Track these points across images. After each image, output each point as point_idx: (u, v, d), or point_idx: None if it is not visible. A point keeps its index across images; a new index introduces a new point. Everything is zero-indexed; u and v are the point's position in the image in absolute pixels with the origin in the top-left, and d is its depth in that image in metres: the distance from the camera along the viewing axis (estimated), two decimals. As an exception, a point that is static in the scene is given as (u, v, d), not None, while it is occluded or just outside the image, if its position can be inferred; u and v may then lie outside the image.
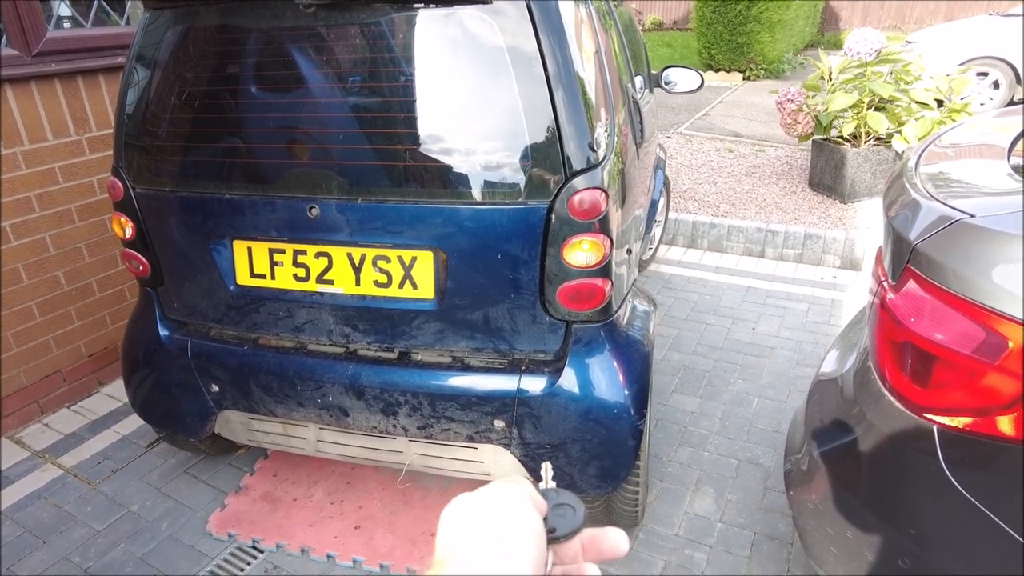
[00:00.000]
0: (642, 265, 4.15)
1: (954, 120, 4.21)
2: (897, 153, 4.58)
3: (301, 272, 1.91)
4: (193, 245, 2.00)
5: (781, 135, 6.07)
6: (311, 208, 1.80)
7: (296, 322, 1.99)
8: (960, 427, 1.21)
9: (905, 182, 1.53)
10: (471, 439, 1.96)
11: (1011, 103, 7.57)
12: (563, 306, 1.75)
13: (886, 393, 1.36)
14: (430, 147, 1.69)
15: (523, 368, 1.86)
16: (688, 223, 4.56)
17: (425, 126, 1.69)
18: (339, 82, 1.76)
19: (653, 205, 3.87)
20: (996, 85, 7.83)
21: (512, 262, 1.72)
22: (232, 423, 2.26)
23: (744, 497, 2.39)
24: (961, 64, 7.24)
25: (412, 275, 1.81)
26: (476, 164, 1.67)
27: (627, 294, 2.00)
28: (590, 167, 1.66)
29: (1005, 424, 1.17)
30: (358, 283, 1.86)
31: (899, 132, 4.44)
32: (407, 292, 1.83)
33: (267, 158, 1.86)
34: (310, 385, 2.01)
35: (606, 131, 1.78)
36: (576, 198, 1.65)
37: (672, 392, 3.01)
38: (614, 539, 0.50)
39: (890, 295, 1.35)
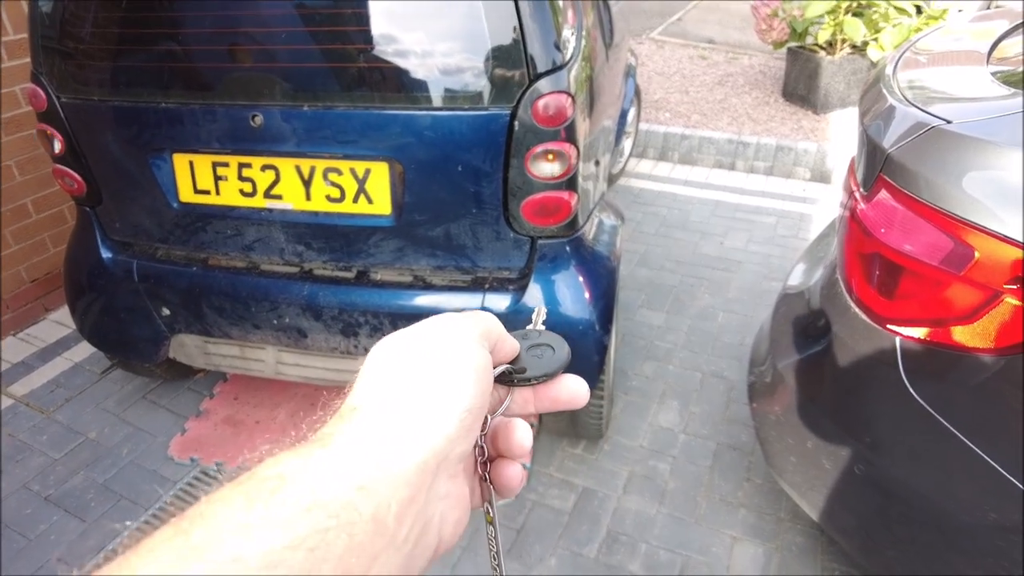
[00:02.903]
0: (611, 179, 4.06)
1: (932, 27, 4.09)
2: (872, 62, 4.46)
3: (247, 187, 1.79)
4: (130, 159, 1.85)
5: (756, 43, 5.87)
6: (254, 116, 1.66)
7: (246, 241, 1.89)
8: (921, 338, 1.20)
9: (882, 88, 1.45)
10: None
11: (988, 8, 7.40)
12: (528, 221, 1.68)
13: (852, 305, 1.33)
14: (382, 47, 1.55)
15: (487, 286, 1.80)
16: (659, 135, 4.44)
17: (377, 24, 1.54)
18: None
19: (623, 115, 3.74)
20: (974, -9, 7.62)
21: (474, 174, 1.62)
22: (187, 347, 2.19)
23: (708, 409, 2.42)
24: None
25: (367, 189, 1.71)
26: (433, 66, 1.54)
27: (594, 208, 1.93)
28: (555, 68, 1.54)
29: (965, 335, 1.15)
30: (308, 198, 1.75)
31: (875, 40, 4.31)
32: (362, 207, 1.73)
33: (204, 61, 1.69)
34: (265, 306, 1.93)
35: (573, 30, 1.65)
36: (541, 102, 1.54)
37: (639, 307, 3.00)
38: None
39: (861, 205, 1.31)
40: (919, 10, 4.14)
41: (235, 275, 1.95)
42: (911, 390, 1.21)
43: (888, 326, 1.22)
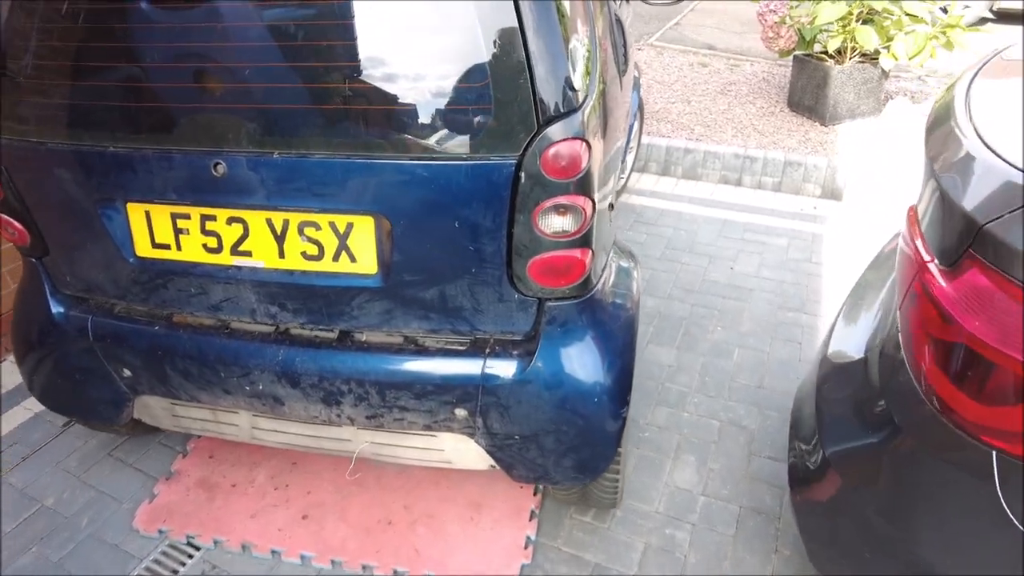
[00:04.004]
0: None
1: (947, 36, 3.90)
2: (884, 71, 4.27)
3: (212, 242, 1.56)
4: (77, 209, 1.62)
5: (758, 48, 5.68)
6: (216, 164, 1.43)
7: (212, 300, 1.66)
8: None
9: (956, 127, 1.24)
10: (429, 428, 1.70)
11: (993, 12, 7.24)
12: (535, 282, 1.46)
13: (925, 399, 1.12)
14: (365, 86, 1.32)
15: (488, 351, 1.58)
16: (661, 148, 4.23)
17: (358, 60, 1.32)
18: (245, 4, 1.36)
19: (627, 131, 3.54)
20: (976, -8, 7.46)
21: (473, 231, 1.40)
22: (152, 409, 1.96)
23: (728, 465, 2.22)
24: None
25: (349, 245, 1.48)
26: (425, 108, 1.32)
27: (608, 258, 1.72)
28: (569, 111, 1.32)
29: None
30: (282, 255, 1.53)
31: (887, 48, 4.12)
32: (344, 266, 1.51)
33: (157, 100, 1.46)
34: (235, 371, 1.70)
35: (587, 63, 1.43)
36: (551, 151, 1.32)
37: (647, 343, 2.79)
38: None
39: (940, 282, 1.09)
40: (945, 11, 3.94)
41: (202, 336, 1.72)
42: (1008, 510, 1.01)
43: (984, 437, 1.01)
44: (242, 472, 2.21)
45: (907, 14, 3.93)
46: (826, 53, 4.31)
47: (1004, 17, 7.08)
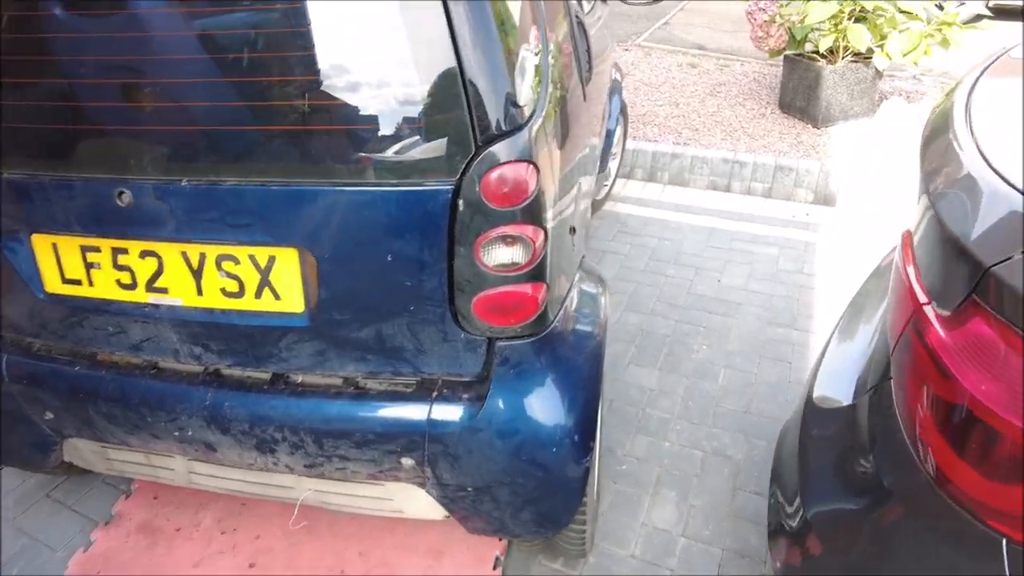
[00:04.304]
0: (596, 205, 3.69)
1: (943, 33, 3.74)
2: (878, 71, 4.11)
3: (125, 277, 1.40)
4: (-23, 240, 1.46)
5: (748, 48, 5.51)
6: (120, 193, 1.27)
7: (131, 340, 1.50)
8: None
9: (955, 141, 1.08)
10: (374, 477, 1.54)
11: (989, 8, 7.09)
12: (481, 321, 1.30)
13: (919, 464, 0.97)
14: (277, 104, 1.16)
15: (435, 394, 1.42)
16: (647, 153, 4.07)
17: (272, 75, 1.16)
18: (148, 12, 1.20)
19: (608, 136, 3.38)
20: (972, -13, 7.31)
21: (409, 265, 1.24)
22: (83, 452, 1.79)
23: (711, 501, 2.05)
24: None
25: (271, 281, 1.32)
26: (346, 127, 1.16)
27: (570, 288, 1.55)
28: (513, 130, 1.16)
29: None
30: (200, 292, 1.37)
31: (880, 47, 3.96)
32: (267, 304, 1.35)
33: (53, 121, 1.30)
34: (161, 416, 1.54)
35: (537, 74, 1.27)
36: (493, 176, 1.16)
37: (628, 364, 2.63)
38: None
39: (937, 328, 0.93)
40: (941, 8, 3.78)
41: (125, 377, 1.56)
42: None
43: (989, 521, 0.85)
44: (187, 515, 2.04)
45: (901, 11, 3.77)
46: (818, 53, 4.15)
47: (1001, 13, 6.93)
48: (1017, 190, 0.89)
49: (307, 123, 1.16)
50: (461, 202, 1.16)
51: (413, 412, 1.41)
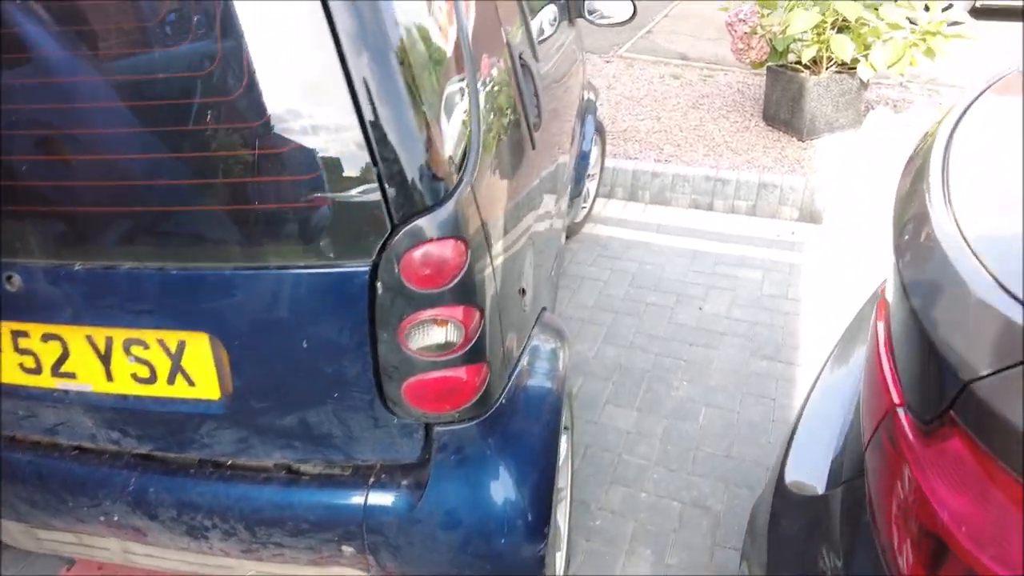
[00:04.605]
0: (575, 228, 3.58)
1: (927, 42, 3.63)
2: (863, 82, 4.00)
3: (28, 361, 1.28)
4: None
5: (732, 57, 5.41)
6: (9, 277, 1.15)
7: (45, 424, 1.38)
8: None
9: (929, 204, 0.95)
10: (316, 563, 1.42)
11: (974, 9, 7.00)
12: (414, 408, 1.18)
13: (893, 584, 0.85)
14: (172, 180, 1.04)
15: (372, 480, 1.30)
16: (628, 172, 3.95)
17: (162, 146, 1.04)
18: (34, 79, 1.08)
19: (584, 157, 3.27)
20: (960, -13, 7.22)
21: (328, 351, 1.12)
22: (11, 531, 1.67)
23: (688, 559, 1.93)
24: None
25: (184, 367, 1.20)
26: (246, 204, 1.04)
27: (522, 353, 1.43)
28: (436, 203, 1.04)
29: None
30: (110, 378, 1.25)
31: (865, 57, 3.85)
32: (181, 391, 1.22)
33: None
34: (84, 501, 1.42)
35: (464, 132, 1.15)
36: (414, 256, 1.04)
37: (605, 404, 2.51)
38: None
39: (910, 437, 0.81)
40: (927, 9, 3.67)
41: (44, 460, 1.44)
42: None
43: None
44: (132, 588, 1.92)
45: (883, 20, 3.66)
46: (801, 63, 4.03)
47: (984, 14, 6.83)
48: (1007, 291, 0.76)
49: (203, 202, 1.04)
50: (379, 285, 1.05)
51: (349, 499, 1.29)
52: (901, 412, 0.85)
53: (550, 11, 2.45)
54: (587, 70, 3.52)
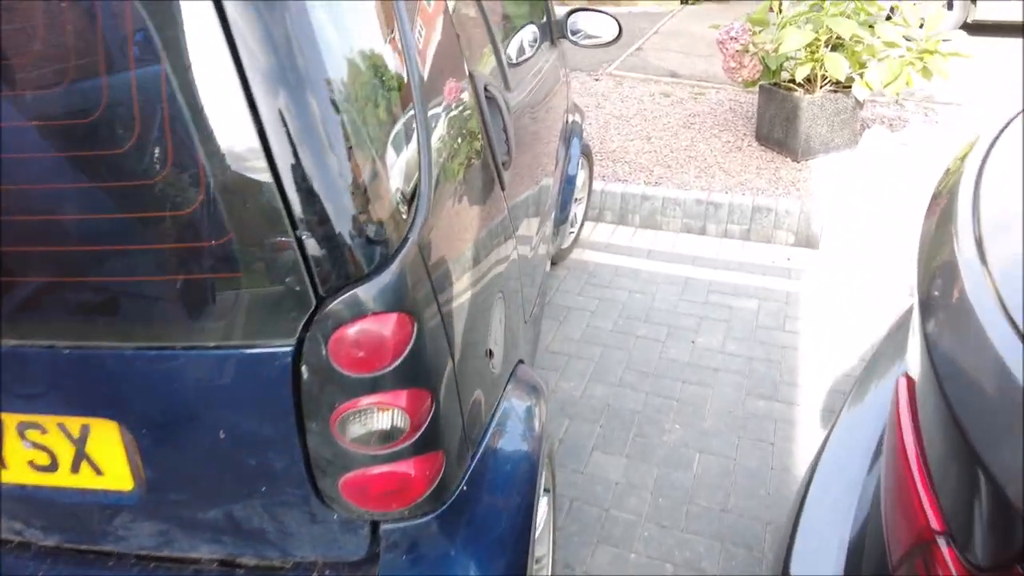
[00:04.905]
0: (562, 255, 3.42)
1: (924, 62, 3.51)
2: (858, 101, 3.87)
3: (-87, 445, 1.10)
4: None
5: (723, 74, 5.29)
6: None
7: (-63, 511, 1.20)
8: None
9: (961, 262, 0.79)
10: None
11: (965, 25, 6.93)
12: (355, 505, 1.00)
13: None
14: (56, 249, 0.87)
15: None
16: (617, 195, 3.81)
17: (39, 201, 0.87)
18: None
19: (570, 182, 3.12)
20: (949, 5, 7.15)
21: (249, 441, 0.95)
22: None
23: (682, 633, 1.76)
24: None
25: (89, 454, 1.03)
26: (140, 272, 0.87)
27: (490, 421, 1.26)
28: (371, 270, 0.88)
29: None
30: (4, 464, 1.07)
31: (860, 75, 3.72)
32: (88, 480, 1.05)
33: None
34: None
35: (407, 183, 0.98)
36: (346, 335, 0.87)
37: (592, 451, 2.33)
38: None
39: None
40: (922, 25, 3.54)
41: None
42: None
43: None
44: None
45: (878, 38, 3.53)
46: (794, 82, 3.91)
47: (979, 29, 6.76)
48: None
49: (92, 272, 0.87)
50: (305, 368, 0.88)
51: (287, 600, 1.12)
52: (943, 543, 0.69)
53: (529, 32, 2.30)
54: (572, 91, 3.38)
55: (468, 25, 1.38)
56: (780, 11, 3.92)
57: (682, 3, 8.49)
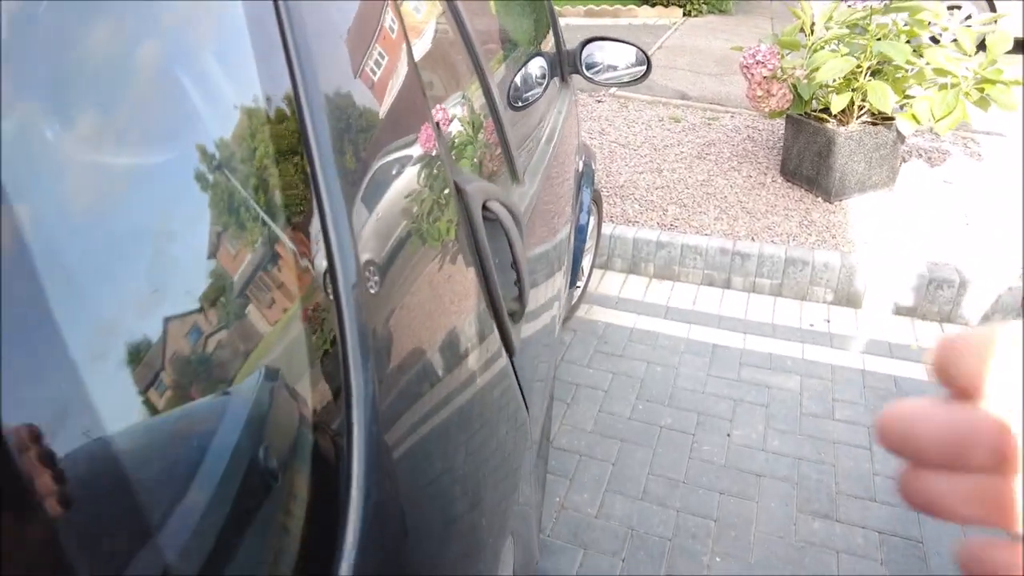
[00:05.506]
0: (567, 314, 2.94)
1: (985, 92, 3.06)
2: (900, 135, 3.42)
3: None
4: None
5: (738, 95, 4.84)
6: None
7: None
8: None
9: None
10: None
11: (1018, 41, 6.52)
12: None
13: None
14: None
15: None
16: (628, 240, 3.33)
17: None
18: None
19: (581, 232, 2.67)
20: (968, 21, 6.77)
21: None
22: None
23: None
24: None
25: None
26: None
27: None
28: None
29: None
30: None
31: (904, 107, 3.27)
32: None
33: None
34: None
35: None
36: None
37: (614, 597, 1.85)
38: None
39: None
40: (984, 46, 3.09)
41: None
42: None
43: None
44: None
45: (929, 64, 3.08)
46: (826, 111, 3.45)
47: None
48: None
49: None
50: None
51: None
52: None
53: (536, 67, 1.82)
54: (581, 127, 2.91)
55: (458, 104, 0.89)
56: (811, 32, 3.46)
57: (684, 15, 8.04)
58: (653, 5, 8.20)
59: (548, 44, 2.08)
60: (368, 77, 0.60)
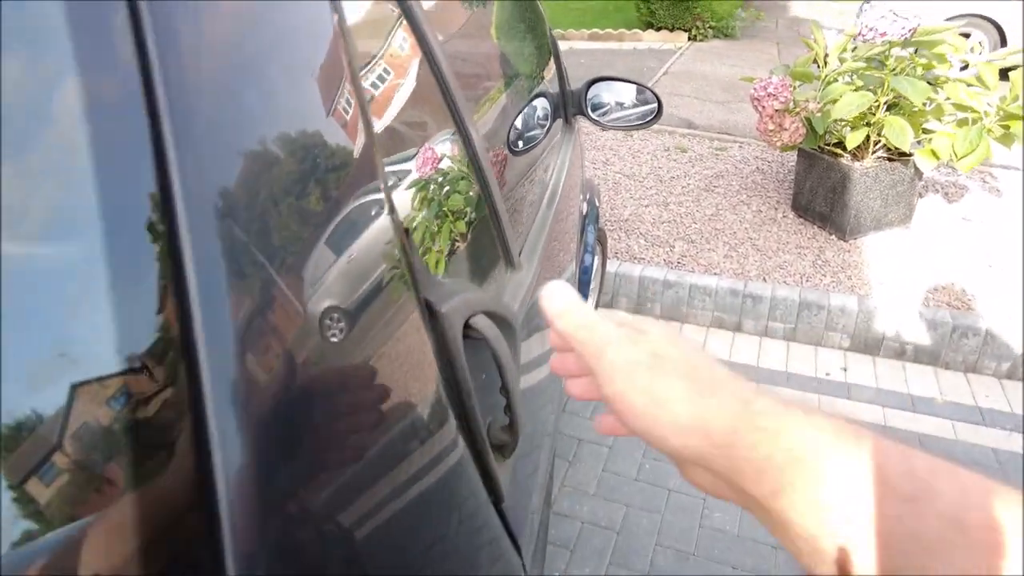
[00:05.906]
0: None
1: (1009, 130, 2.91)
2: (918, 171, 3.27)
3: None
4: None
5: (746, 124, 4.71)
6: None
7: None
8: None
9: None
10: None
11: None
12: None
13: None
14: None
15: None
16: (633, 279, 3.17)
17: None
18: None
19: (586, 271, 2.52)
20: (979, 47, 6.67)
21: None
22: None
23: None
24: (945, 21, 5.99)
25: None
26: None
27: None
28: None
29: None
30: None
31: (922, 143, 3.13)
32: None
33: None
34: None
35: None
36: None
37: None
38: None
39: None
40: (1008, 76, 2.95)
41: None
42: None
43: None
44: None
45: (957, 105, 2.94)
46: (841, 145, 3.31)
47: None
48: None
49: None
50: None
51: None
52: None
53: (541, 107, 1.67)
54: (584, 157, 2.76)
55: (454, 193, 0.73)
56: (825, 64, 3.33)
57: (690, 39, 7.95)
58: (658, 29, 8.11)
59: (551, 81, 1.94)
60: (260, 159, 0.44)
